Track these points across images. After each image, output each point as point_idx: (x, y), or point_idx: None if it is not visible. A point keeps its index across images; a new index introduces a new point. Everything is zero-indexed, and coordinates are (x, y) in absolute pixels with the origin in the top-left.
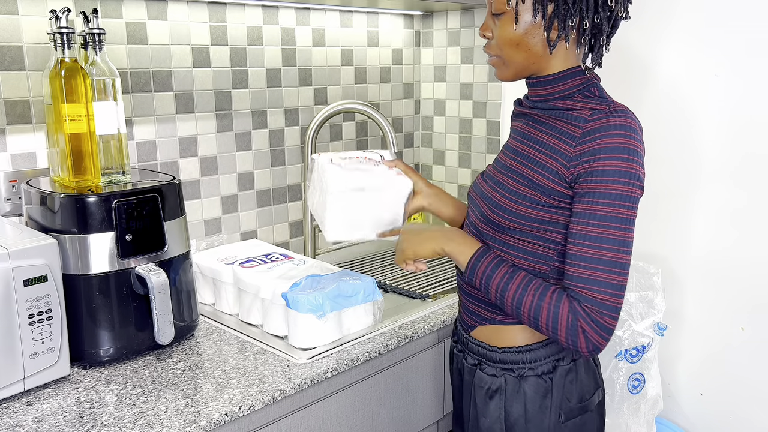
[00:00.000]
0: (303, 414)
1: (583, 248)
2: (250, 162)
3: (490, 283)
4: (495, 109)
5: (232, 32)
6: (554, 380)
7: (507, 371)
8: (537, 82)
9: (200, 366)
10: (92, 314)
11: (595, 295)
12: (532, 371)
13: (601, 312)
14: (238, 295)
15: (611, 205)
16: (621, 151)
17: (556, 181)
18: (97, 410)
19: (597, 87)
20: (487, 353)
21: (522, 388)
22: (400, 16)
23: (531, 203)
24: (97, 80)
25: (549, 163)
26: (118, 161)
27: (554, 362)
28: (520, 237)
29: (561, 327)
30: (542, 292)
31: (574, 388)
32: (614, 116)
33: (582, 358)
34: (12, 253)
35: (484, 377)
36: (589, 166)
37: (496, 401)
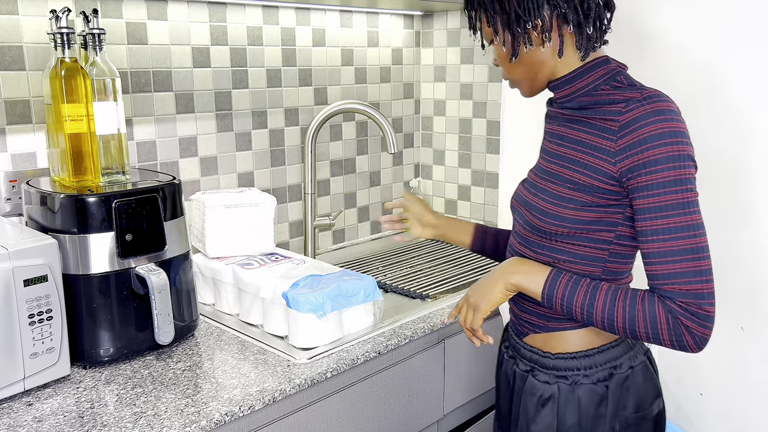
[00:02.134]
0: (303, 414)
1: (658, 243)
2: (250, 162)
3: (573, 306)
4: (495, 109)
5: (232, 32)
6: (610, 388)
7: (561, 378)
8: (558, 84)
9: (200, 366)
10: (92, 314)
11: (687, 288)
12: (587, 378)
13: (698, 303)
14: (238, 295)
15: (672, 192)
16: (667, 136)
17: (601, 179)
18: (97, 410)
19: (623, 75)
20: (539, 359)
21: (576, 395)
22: (400, 16)
23: (577, 205)
24: (97, 80)
25: (591, 161)
26: (118, 161)
27: (610, 369)
28: (569, 241)
29: (662, 331)
30: (631, 300)
31: (630, 397)
32: (649, 103)
33: (639, 365)
34: (12, 253)
35: (536, 384)
36: (638, 159)
37: (549, 409)
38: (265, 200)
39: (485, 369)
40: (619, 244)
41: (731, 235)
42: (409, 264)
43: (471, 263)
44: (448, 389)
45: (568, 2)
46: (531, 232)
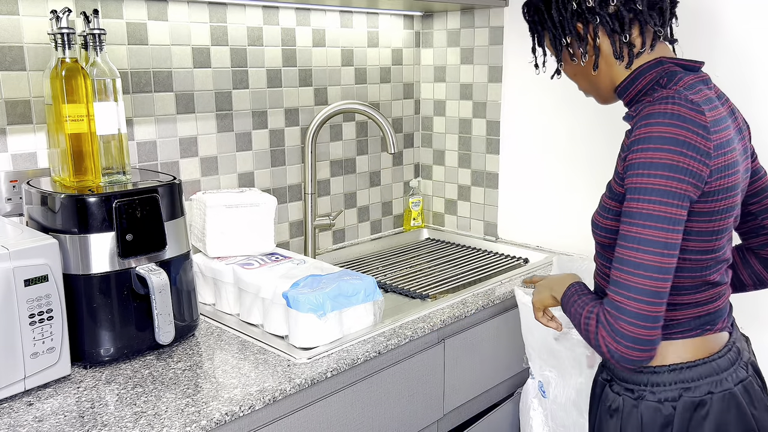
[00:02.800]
0: (303, 414)
1: (620, 249)
2: (250, 162)
3: (569, 310)
4: (495, 110)
5: (232, 33)
6: (678, 410)
7: (627, 391)
8: (618, 92)
9: (200, 366)
10: (93, 314)
11: (616, 299)
12: (653, 395)
13: (615, 316)
14: (239, 295)
15: (646, 201)
16: (656, 141)
17: (621, 183)
18: (97, 410)
19: (668, 76)
20: (615, 369)
21: (639, 411)
22: (400, 16)
23: (612, 214)
24: (98, 80)
25: (618, 168)
26: (119, 161)
27: (681, 390)
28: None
29: (591, 337)
30: (587, 304)
31: (706, 426)
32: (656, 104)
33: (722, 393)
34: (13, 253)
35: (609, 393)
36: (629, 160)
37: (614, 421)
38: (266, 200)
39: (485, 369)
40: None
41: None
42: (409, 264)
43: (471, 263)
44: (448, 389)
45: (599, 15)
46: (597, 244)
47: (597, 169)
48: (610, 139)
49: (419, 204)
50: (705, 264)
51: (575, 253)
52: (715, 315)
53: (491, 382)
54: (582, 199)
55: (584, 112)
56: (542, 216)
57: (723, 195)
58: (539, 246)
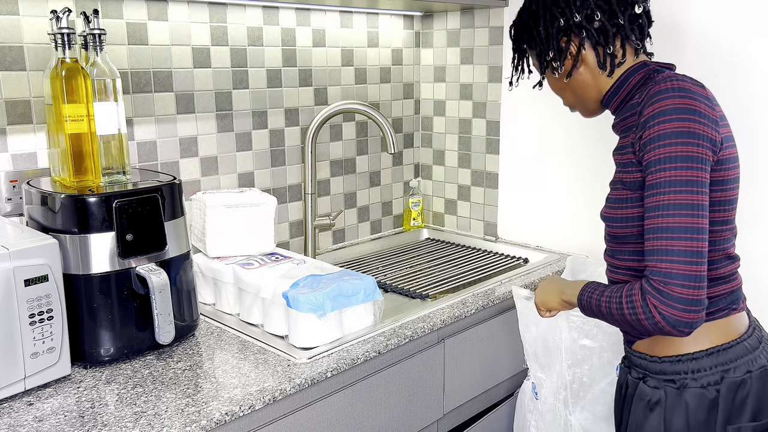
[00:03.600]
0: (303, 413)
1: (650, 220)
2: (250, 162)
3: (591, 306)
4: (495, 110)
5: (232, 33)
6: (722, 393)
7: (668, 382)
8: (605, 101)
9: (200, 365)
10: (93, 314)
11: (660, 266)
12: (695, 382)
13: (665, 281)
14: (239, 295)
15: (669, 168)
16: (670, 113)
17: (635, 171)
18: (97, 410)
19: (659, 72)
20: (648, 364)
21: (683, 399)
22: (399, 16)
23: (625, 203)
24: (98, 80)
25: (627, 158)
26: (119, 161)
27: (722, 372)
28: (635, 241)
29: (639, 312)
30: (620, 287)
31: (747, 404)
32: (665, 82)
33: (759, 370)
34: (13, 252)
35: (645, 389)
36: (644, 137)
37: (657, 414)
38: (266, 200)
39: (485, 369)
40: None
41: None
42: (409, 264)
43: (471, 263)
44: (447, 389)
45: (585, 29)
46: (609, 241)
47: (597, 169)
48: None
49: (419, 204)
50: (724, 236)
51: (574, 253)
52: (738, 293)
53: (491, 382)
54: (582, 198)
55: None
56: (542, 216)
57: (732, 164)
58: (539, 246)
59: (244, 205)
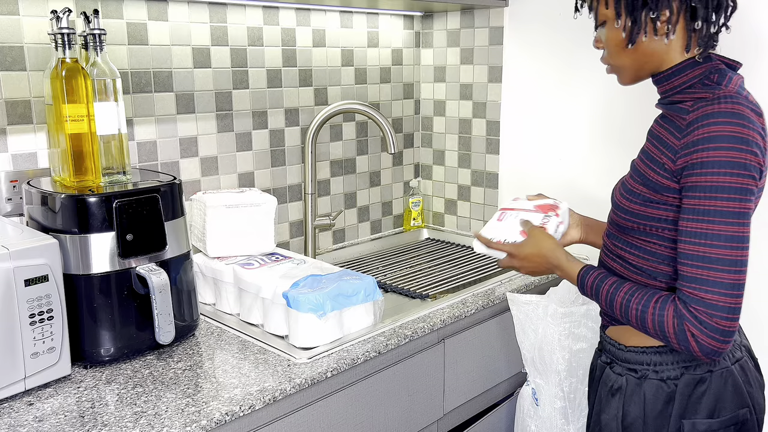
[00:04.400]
0: (303, 413)
1: (691, 246)
2: (250, 162)
3: (599, 294)
4: (495, 110)
5: (232, 33)
6: (679, 387)
7: (630, 371)
8: (659, 79)
9: (201, 365)
10: (93, 314)
11: (704, 296)
12: (656, 374)
13: (709, 313)
14: (239, 295)
15: (718, 198)
16: (726, 140)
17: (664, 175)
18: (97, 410)
19: (719, 73)
20: (616, 351)
21: (642, 389)
22: (399, 16)
23: (643, 201)
24: (98, 80)
25: (659, 157)
26: (119, 161)
27: (682, 368)
28: (641, 237)
29: (669, 332)
30: (647, 298)
31: (704, 401)
32: (719, 103)
33: (721, 371)
34: (13, 253)
35: (610, 374)
36: (692, 158)
37: (617, 400)
38: (266, 200)
39: (485, 369)
40: None
41: None
42: (409, 264)
43: (471, 263)
44: (447, 389)
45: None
46: (611, 225)
47: (597, 169)
48: (610, 140)
49: (419, 204)
50: None
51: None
52: None
53: (491, 382)
54: (582, 198)
55: (584, 112)
56: None
57: (758, 195)
58: None
59: (244, 205)
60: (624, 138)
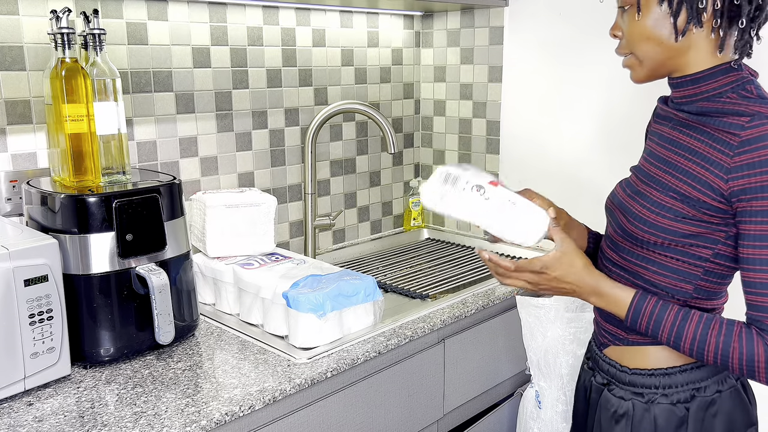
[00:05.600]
0: (303, 414)
1: (764, 274)
2: (250, 162)
3: (660, 333)
4: (495, 110)
5: (232, 33)
6: (691, 411)
7: (636, 395)
8: (682, 82)
9: (200, 366)
10: (93, 314)
11: None
12: (666, 398)
13: None
14: (239, 295)
15: None
16: None
17: (708, 194)
18: (97, 410)
19: (754, 85)
20: (616, 373)
21: (652, 414)
22: (400, 16)
23: (676, 216)
24: (98, 80)
25: (701, 174)
26: (119, 161)
27: (693, 391)
28: (662, 252)
29: (760, 368)
30: (726, 333)
31: (717, 423)
32: None
33: (729, 390)
34: (12, 253)
35: (611, 399)
36: (756, 181)
37: (622, 426)
38: (266, 200)
39: (485, 369)
40: (715, 262)
41: None
42: (409, 264)
43: (471, 263)
44: (448, 389)
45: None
46: (624, 238)
47: (597, 169)
48: (609, 140)
49: (419, 204)
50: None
51: None
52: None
53: (491, 382)
54: (582, 198)
55: (584, 112)
56: None
57: None
58: (539, 246)
59: (244, 205)
60: (624, 138)
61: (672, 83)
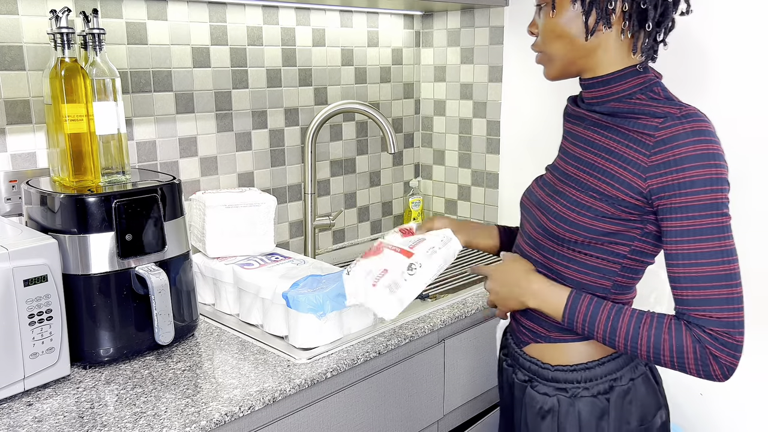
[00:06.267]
0: (303, 414)
1: (690, 268)
2: (250, 162)
3: (595, 330)
4: (495, 109)
5: (232, 32)
6: (611, 401)
7: (560, 391)
8: (594, 83)
9: (200, 366)
10: (92, 314)
11: (719, 316)
12: (587, 391)
13: (729, 332)
14: (239, 295)
15: (708, 216)
16: (705, 158)
17: (627, 192)
18: (97, 410)
19: (660, 86)
20: (539, 370)
21: (576, 408)
22: (400, 16)
23: (596, 215)
24: (97, 80)
25: (619, 173)
26: (118, 161)
27: (611, 382)
28: (582, 250)
29: (689, 360)
30: (657, 327)
31: (633, 409)
32: (689, 121)
33: (640, 377)
34: (12, 253)
35: (535, 396)
36: (673, 179)
37: (549, 422)
38: (266, 200)
39: (485, 369)
40: (632, 258)
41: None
42: None
43: (471, 263)
44: (448, 389)
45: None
46: (543, 236)
47: None
48: None
49: (419, 204)
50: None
51: None
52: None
53: (491, 382)
54: None
55: None
56: None
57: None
58: None
59: (244, 205)
60: None
61: (583, 84)
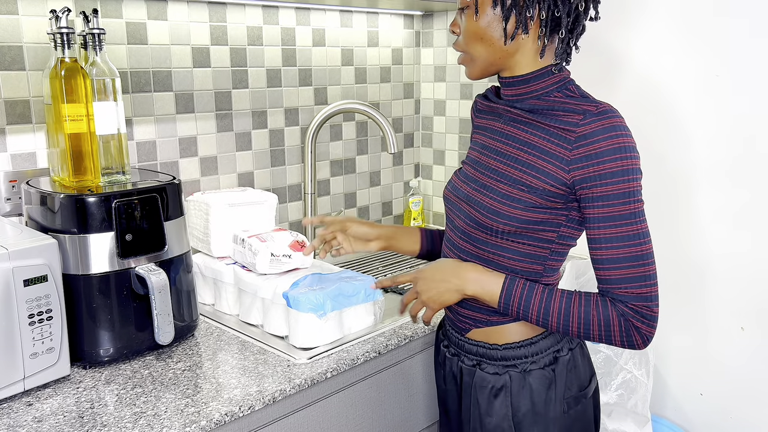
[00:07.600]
0: (303, 414)
1: (609, 251)
2: (250, 162)
3: (529, 313)
4: None
5: (232, 32)
6: (557, 371)
7: (510, 368)
8: (514, 81)
9: (200, 366)
10: (92, 314)
11: (639, 291)
12: (536, 364)
13: (648, 305)
14: (238, 295)
15: (625, 203)
16: (621, 151)
17: (552, 183)
18: (97, 410)
19: (574, 85)
20: (486, 352)
21: (528, 382)
22: (400, 16)
23: (526, 206)
24: (97, 80)
25: (544, 166)
26: (118, 161)
27: (555, 353)
28: (515, 239)
29: (614, 332)
30: (585, 305)
31: (573, 377)
32: (606, 118)
33: (576, 347)
34: (12, 253)
35: (485, 376)
36: (593, 171)
37: (502, 399)
38: (267, 198)
39: None
40: (560, 243)
41: (732, 235)
42: (409, 264)
43: None
44: None
45: (564, 7)
46: (476, 229)
47: None
48: None
49: (419, 204)
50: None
51: (574, 255)
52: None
53: None
54: None
55: None
56: None
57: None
58: None
59: (246, 204)
60: None
61: (503, 82)
